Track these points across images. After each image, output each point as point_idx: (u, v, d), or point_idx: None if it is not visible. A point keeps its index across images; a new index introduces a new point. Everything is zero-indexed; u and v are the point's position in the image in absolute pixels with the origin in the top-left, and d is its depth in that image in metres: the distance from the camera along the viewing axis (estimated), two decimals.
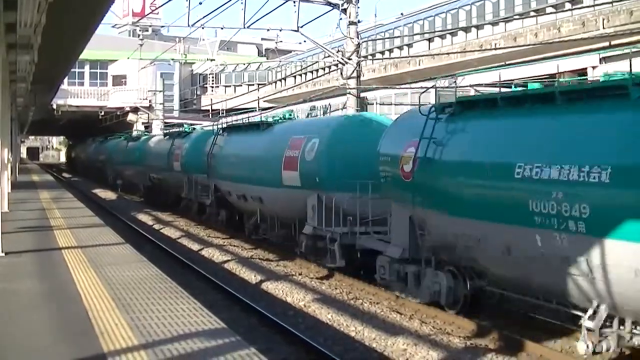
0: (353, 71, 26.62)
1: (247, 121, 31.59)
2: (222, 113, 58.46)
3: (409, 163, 16.43)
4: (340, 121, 23.88)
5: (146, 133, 59.80)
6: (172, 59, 65.54)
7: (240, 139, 29.85)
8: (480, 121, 15.34)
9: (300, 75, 64.15)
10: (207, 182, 33.28)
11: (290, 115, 28.48)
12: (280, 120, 27.77)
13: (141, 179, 49.69)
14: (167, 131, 48.71)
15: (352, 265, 20.61)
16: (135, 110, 74.74)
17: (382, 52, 55.74)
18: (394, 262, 17.54)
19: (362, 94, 27.67)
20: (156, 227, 34.62)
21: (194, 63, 79.51)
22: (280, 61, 74.63)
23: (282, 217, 25.46)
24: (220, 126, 34.06)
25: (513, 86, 17.00)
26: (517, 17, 40.56)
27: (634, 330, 11.85)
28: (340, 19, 26.82)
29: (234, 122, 33.81)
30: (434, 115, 16.26)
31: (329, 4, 26.85)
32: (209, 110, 63.22)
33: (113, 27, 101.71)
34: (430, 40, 50.04)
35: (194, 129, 42.34)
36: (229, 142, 31.38)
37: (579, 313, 12.38)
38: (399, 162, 17.04)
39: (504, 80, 30.52)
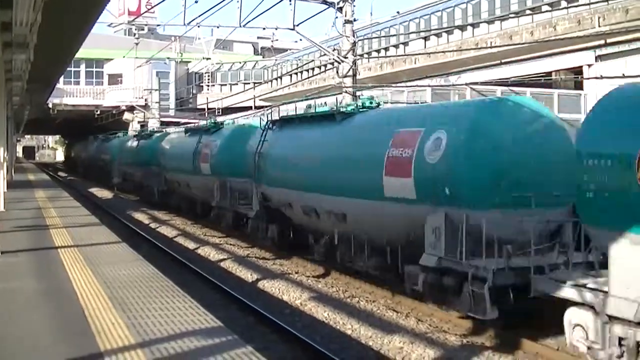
0: (349, 70, 26.61)
1: (310, 111, 24.70)
2: (218, 112, 58.51)
3: None
4: (482, 107, 17.24)
5: (160, 130, 52.83)
6: (168, 58, 65.69)
7: (305, 135, 23.09)
8: None
9: (296, 73, 64.17)
10: (250, 187, 27.23)
11: (371, 102, 21.34)
12: (362, 109, 20.89)
13: (155, 182, 43.59)
14: (191, 126, 41.91)
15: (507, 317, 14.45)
16: (131, 109, 74.70)
17: (378, 51, 55.79)
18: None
19: (357, 93, 27.63)
20: (152, 225, 34.59)
21: (189, 62, 79.56)
22: (276, 60, 74.66)
23: (375, 241, 18.53)
24: (269, 118, 27.81)
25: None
26: (513, 15, 40.64)
27: None
28: (336, 17, 26.82)
29: (289, 114, 26.84)
30: None
31: (325, 2, 26.83)
32: (204, 109, 63.21)
33: (109, 25, 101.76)
34: (426, 38, 50.10)
35: (222, 123, 35.56)
36: (285, 137, 24.56)
37: None
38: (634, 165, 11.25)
39: (500, 79, 30.57)
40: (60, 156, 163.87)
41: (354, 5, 26.63)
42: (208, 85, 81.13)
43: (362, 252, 18.87)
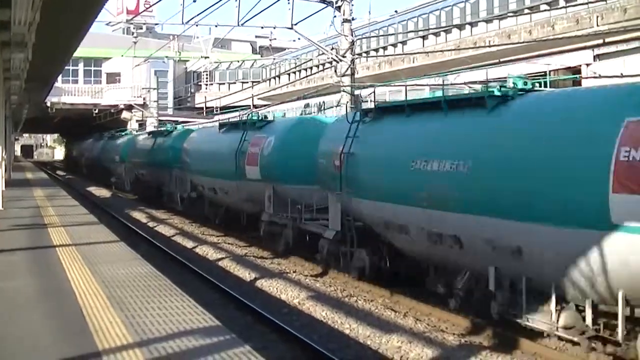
0: (347, 69, 26.60)
1: (418, 96, 20.99)
2: (216, 111, 58.54)
3: None
4: None
5: (183, 126, 47.39)
6: (166, 57, 65.72)
7: (425, 129, 16.67)
8: None
9: (294, 72, 64.20)
10: (317, 198, 22.51)
11: (526, 82, 14.83)
12: (519, 91, 14.58)
13: (178, 187, 38.03)
14: (225, 121, 34.33)
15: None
16: (129, 107, 74.71)
17: (377, 50, 55.83)
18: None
19: (356, 92, 27.63)
20: (150, 224, 34.59)
21: (188, 61, 79.59)
22: (274, 59, 74.68)
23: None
24: (360, 107, 22.20)
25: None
26: (511, 14, 40.66)
27: None
28: (335, 16, 26.80)
29: (390, 101, 23.56)
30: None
31: (323, 1, 26.83)
32: (202, 108, 63.24)
33: (107, 24, 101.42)
34: (424, 37, 50.15)
35: (261, 116, 29.65)
36: (388, 132, 18.07)
37: None
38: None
39: (498, 78, 30.59)
40: (58, 155, 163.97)
41: (352, 4, 26.63)
42: (206, 84, 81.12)
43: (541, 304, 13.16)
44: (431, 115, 16.38)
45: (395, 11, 57.91)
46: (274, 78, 67.37)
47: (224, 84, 79.20)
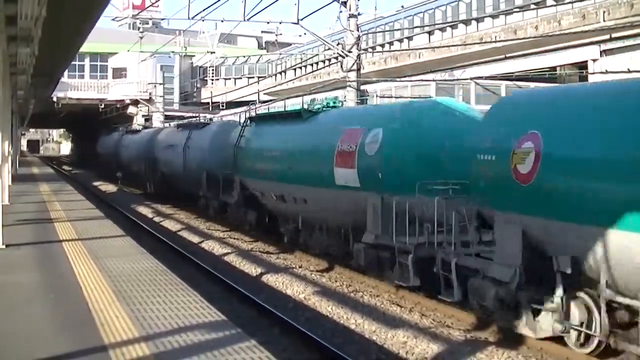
0: (353, 64, 26.59)
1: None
2: (222, 106, 58.49)
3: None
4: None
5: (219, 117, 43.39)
6: (172, 52, 65.49)
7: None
8: None
9: (301, 68, 64.10)
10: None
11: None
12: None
13: (223, 192, 31.01)
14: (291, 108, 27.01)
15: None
16: (135, 102, 74.69)
17: (382, 45, 55.73)
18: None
19: (362, 87, 27.61)
20: (156, 219, 34.63)
21: (194, 56, 79.46)
22: (280, 54, 74.59)
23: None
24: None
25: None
26: (517, 9, 40.56)
27: None
28: (341, 11, 26.79)
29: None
30: None
31: None
32: (209, 103, 63.20)
33: (113, 20, 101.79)
34: (430, 33, 50.04)
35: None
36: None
37: None
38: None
39: (504, 74, 30.59)
40: (64, 150, 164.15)
41: (358, 0, 26.62)
42: (212, 80, 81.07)
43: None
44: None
45: (402, 6, 57.86)
46: (280, 73, 67.24)
47: (230, 79, 79.08)
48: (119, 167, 57.24)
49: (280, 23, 39.05)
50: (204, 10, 37.23)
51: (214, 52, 65.57)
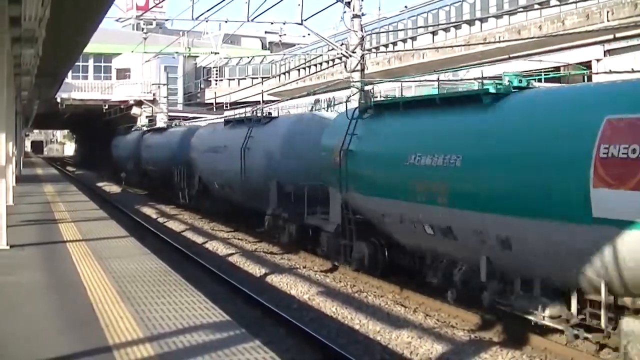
0: (357, 64, 26.55)
1: None
2: (226, 106, 58.51)
3: None
4: None
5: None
6: (176, 53, 65.61)
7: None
8: None
9: (304, 68, 64.14)
10: None
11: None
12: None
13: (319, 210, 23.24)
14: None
15: None
16: (139, 103, 74.76)
17: (386, 45, 55.73)
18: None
19: (365, 87, 27.59)
20: (160, 220, 34.65)
21: (197, 56, 79.49)
22: (284, 54, 74.62)
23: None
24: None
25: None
26: (521, 9, 40.54)
27: None
28: (344, 12, 26.75)
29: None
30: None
31: None
32: (212, 104, 63.22)
33: (117, 20, 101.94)
34: (434, 33, 50.03)
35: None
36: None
37: None
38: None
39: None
40: (68, 151, 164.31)
41: (362, 0, 26.60)
42: (216, 80, 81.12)
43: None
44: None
45: (405, 7, 57.85)
46: (284, 74, 67.26)
47: (233, 79, 79.14)
48: (140, 173, 50.42)
49: (284, 23, 39.14)
50: (207, 10, 37.26)
51: (218, 53, 65.54)
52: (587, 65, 33.08)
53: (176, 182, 39.53)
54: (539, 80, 17.56)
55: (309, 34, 54.62)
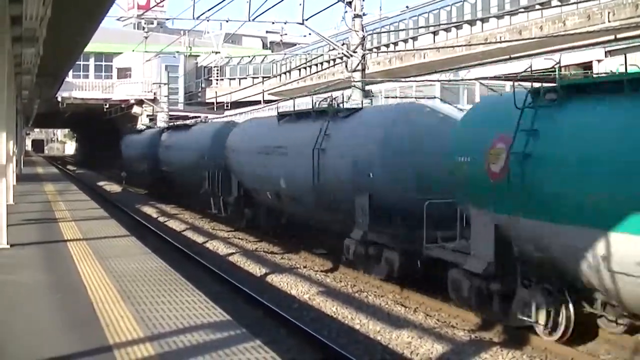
0: (358, 64, 26.57)
1: None
2: (227, 106, 58.51)
3: None
4: None
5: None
6: (177, 52, 65.59)
7: None
8: None
9: (305, 68, 64.13)
10: None
11: None
12: None
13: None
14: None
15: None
16: (140, 102, 74.77)
17: (387, 45, 55.74)
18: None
19: (366, 87, 27.59)
20: (161, 219, 34.63)
21: (198, 56, 79.47)
22: (285, 54, 74.59)
23: None
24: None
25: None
26: (522, 10, 40.53)
27: None
28: (346, 11, 26.79)
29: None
30: None
31: None
32: (213, 103, 63.21)
33: (118, 20, 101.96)
34: (435, 33, 50.02)
35: None
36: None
37: None
38: None
39: (509, 74, 30.46)
40: (69, 149, 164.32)
41: (363, 0, 26.60)
42: (217, 80, 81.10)
43: None
44: None
45: (406, 7, 57.83)
46: (285, 73, 67.24)
47: (234, 79, 79.13)
48: (158, 176, 44.41)
49: (285, 23, 38.99)
50: (208, 10, 37.37)
51: (219, 52, 65.56)
52: (589, 66, 33.12)
53: (207, 189, 33.11)
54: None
55: (310, 34, 54.50)
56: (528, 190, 12.69)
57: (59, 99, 70.18)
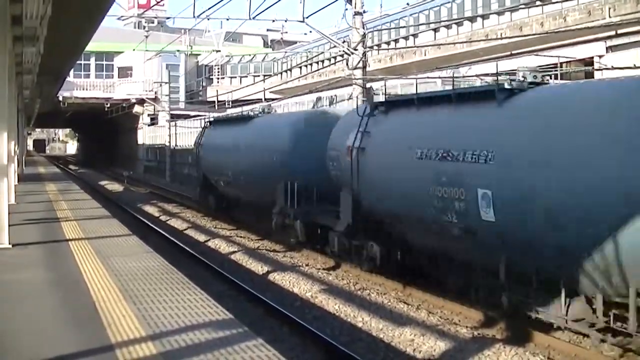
0: (359, 62, 26.53)
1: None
2: (228, 104, 58.53)
3: None
4: None
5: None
6: (178, 51, 65.65)
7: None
8: None
9: (306, 66, 64.08)
10: None
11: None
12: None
13: None
14: None
15: None
16: (141, 102, 74.80)
17: (388, 43, 55.65)
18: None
19: (367, 85, 27.56)
20: (162, 218, 34.63)
21: (199, 54, 79.47)
22: (285, 52, 74.58)
23: None
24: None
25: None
26: (522, 6, 40.48)
27: None
28: (346, 9, 26.73)
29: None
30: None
31: None
32: (214, 102, 63.21)
33: (119, 19, 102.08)
34: (436, 30, 49.93)
35: None
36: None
37: None
38: None
39: (510, 70, 30.44)
40: (70, 149, 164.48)
41: None
42: (218, 78, 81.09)
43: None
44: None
45: (407, 4, 57.78)
46: (286, 71, 67.23)
47: (235, 77, 79.10)
48: (202, 185, 35.73)
49: (285, 21, 38.96)
50: (209, 8, 37.36)
51: (220, 51, 65.57)
52: (590, 61, 33.04)
53: (285, 208, 24.47)
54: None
55: (310, 32, 54.60)
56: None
57: (60, 98, 70.24)
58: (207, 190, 35.14)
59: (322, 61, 60.07)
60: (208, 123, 37.47)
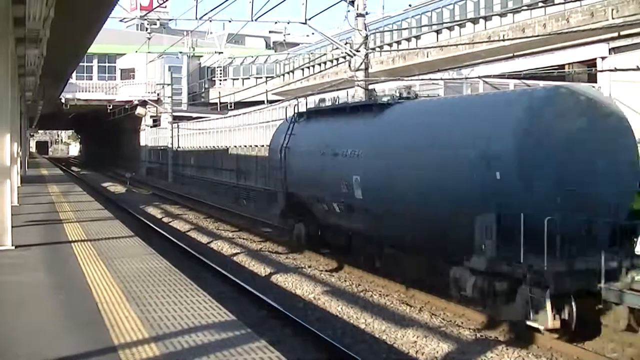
0: (361, 63, 26.52)
1: None
2: (230, 106, 58.52)
3: None
4: None
5: None
6: (180, 52, 65.52)
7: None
8: None
9: (308, 67, 64.06)
10: None
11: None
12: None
13: None
14: None
15: None
16: (143, 103, 74.82)
17: (390, 44, 55.63)
18: None
19: (370, 86, 27.54)
20: (165, 220, 34.64)
21: (201, 56, 79.44)
22: (288, 54, 74.55)
23: None
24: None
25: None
26: (525, 8, 40.44)
27: None
28: (348, 11, 26.71)
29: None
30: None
31: None
32: (217, 104, 63.20)
33: (121, 21, 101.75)
34: (438, 31, 49.92)
35: None
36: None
37: None
38: None
39: (513, 72, 30.48)
40: (73, 151, 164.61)
41: None
42: (220, 80, 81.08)
43: None
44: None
45: (409, 5, 57.77)
46: (288, 73, 67.18)
47: (237, 79, 79.06)
48: (287, 209, 25.10)
49: (288, 23, 38.84)
50: (211, 10, 37.19)
51: (222, 53, 65.55)
52: (592, 63, 33.03)
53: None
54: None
55: (313, 33, 54.43)
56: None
57: (63, 100, 70.27)
58: (292, 214, 25.07)
59: (325, 63, 60.05)
60: (297, 116, 25.32)
